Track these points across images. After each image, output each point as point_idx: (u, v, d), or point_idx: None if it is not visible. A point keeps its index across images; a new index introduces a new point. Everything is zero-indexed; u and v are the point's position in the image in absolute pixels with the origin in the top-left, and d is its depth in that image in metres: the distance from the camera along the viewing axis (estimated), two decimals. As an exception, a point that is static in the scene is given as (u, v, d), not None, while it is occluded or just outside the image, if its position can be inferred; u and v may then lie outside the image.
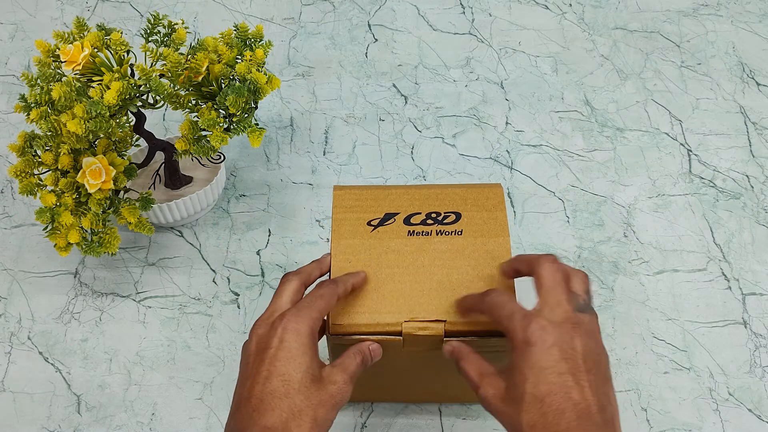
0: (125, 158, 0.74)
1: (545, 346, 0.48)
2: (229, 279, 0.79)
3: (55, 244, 0.70)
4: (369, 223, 0.61)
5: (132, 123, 0.72)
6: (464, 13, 1.05)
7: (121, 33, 0.67)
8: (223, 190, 0.86)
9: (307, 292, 0.57)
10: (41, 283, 0.79)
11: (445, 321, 0.57)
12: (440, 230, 0.60)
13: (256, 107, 0.71)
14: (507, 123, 0.93)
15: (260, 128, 0.69)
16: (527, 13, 1.05)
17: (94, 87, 0.64)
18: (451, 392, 0.68)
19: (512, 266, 0.57)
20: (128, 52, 0.67)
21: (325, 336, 0.59)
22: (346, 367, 0.54)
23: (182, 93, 0.71)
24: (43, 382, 0.73)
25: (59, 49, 0.67)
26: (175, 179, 0.81)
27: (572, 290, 0.52)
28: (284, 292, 0.57)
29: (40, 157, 0.70)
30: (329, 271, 0.59)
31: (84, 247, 0.70)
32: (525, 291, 0.57)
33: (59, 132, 0.69)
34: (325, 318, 0.59)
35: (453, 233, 0.60)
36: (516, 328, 0.50)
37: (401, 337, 0.57)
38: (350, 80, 0.98)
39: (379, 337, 0.57)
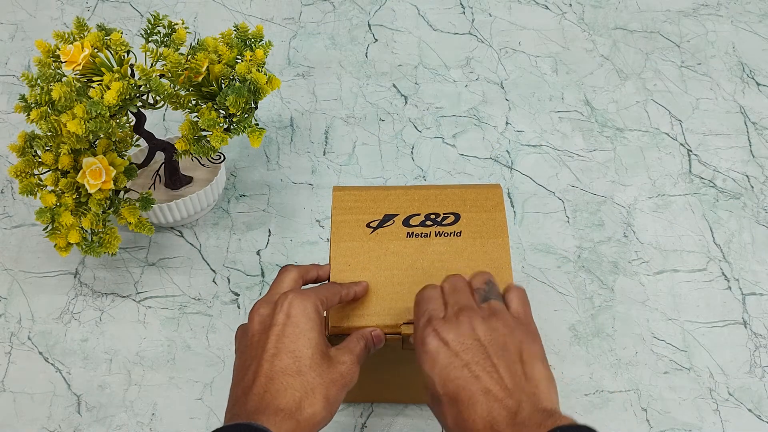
0: (125, 158, 0.74)
1: (441, 346, 0.49)
2: (229, 279, 0.79)
3: (55, 244, 0.70)
4: (368, 225, 0.61)
5: (132, 123, 0.72)
6: (464, 13, 1.05)
7: (121, 33, 0.67)
8: (223, 190, 0.86)
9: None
10: (41, 283, 0.79)
11: None
12: (439, 231, 0.60)
13: (256, 107, 0.71)
14: (507, 123, 0.93)
15: (260, 128, 0.69)
16: (527, 13, 1.05)
17: (94, 87, 0.64)
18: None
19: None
20: (128, 52, 0.67)
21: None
22: (352, 349, 0.53)
23: (182, 93, 0.71)
24: (43, 382, 0.73)
25: (59, 49, 0.67)
26: (175, 179, 0.81)
27: (474, 287, 0.53)
28: (284, 280, 0.56)
29: (40, 157, 0.70)
30: (329, 278, 0.59)
31: (84, 247, 0.70)
32: (529, 292, 0.57)
33: (59, 132, 0.69)
34: (325, 320, 0.59)
35: (452, 234, 0.60)
36: (416, 330, 0.51)
37: (400, 337, 0.57)
38: (350, 80, 0.98)
39: None
